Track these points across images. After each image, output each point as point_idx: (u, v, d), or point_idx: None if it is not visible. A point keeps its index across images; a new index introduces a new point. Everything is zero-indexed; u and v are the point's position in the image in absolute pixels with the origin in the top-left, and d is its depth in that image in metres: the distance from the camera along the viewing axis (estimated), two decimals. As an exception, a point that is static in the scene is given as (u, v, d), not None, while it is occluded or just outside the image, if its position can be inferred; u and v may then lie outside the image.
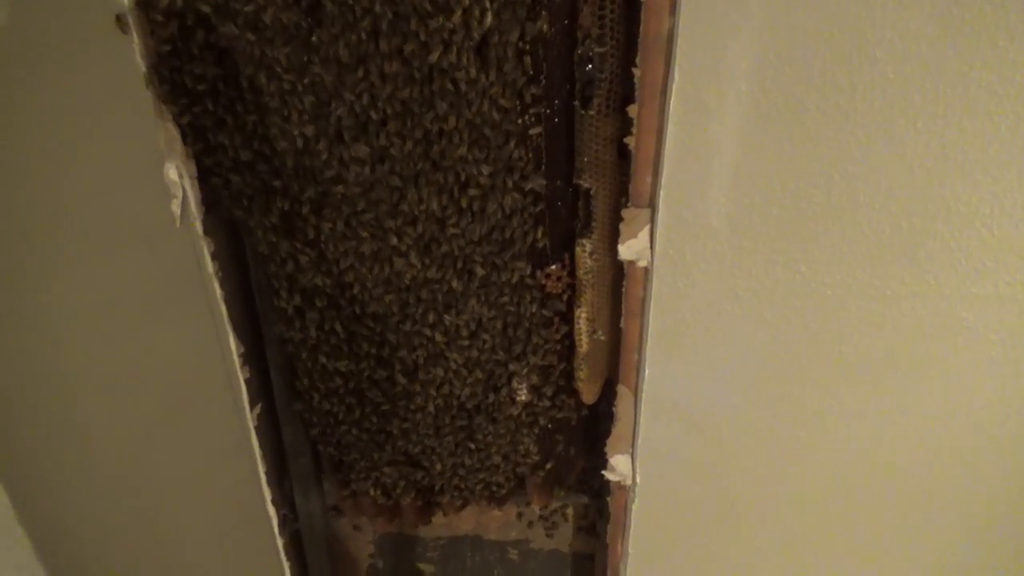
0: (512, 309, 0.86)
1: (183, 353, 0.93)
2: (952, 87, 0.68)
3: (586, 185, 0.79)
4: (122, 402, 1.00)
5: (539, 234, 0.82)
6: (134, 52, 0.71)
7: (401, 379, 0.91)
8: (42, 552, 1.17)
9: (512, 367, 0.91)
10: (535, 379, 0.93)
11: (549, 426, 0.98)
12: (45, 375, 0.99)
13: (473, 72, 0.71)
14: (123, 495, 1.10)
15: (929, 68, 0.68)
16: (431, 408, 0.94)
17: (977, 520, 0.95)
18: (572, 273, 0.86)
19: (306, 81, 0.72)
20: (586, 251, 0.83)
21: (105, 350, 0.96)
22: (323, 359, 0.92)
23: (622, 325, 0.85)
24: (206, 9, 0.69)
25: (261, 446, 0.97)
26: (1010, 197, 0.74)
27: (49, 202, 0.85)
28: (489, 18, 0.68)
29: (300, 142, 0.75)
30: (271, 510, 1.03)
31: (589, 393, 0.94)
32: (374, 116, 0.73)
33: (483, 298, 0.85)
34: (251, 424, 0.94)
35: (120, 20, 0.70)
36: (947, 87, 0.68)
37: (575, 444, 1.03)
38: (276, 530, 1.05)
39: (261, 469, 0.99)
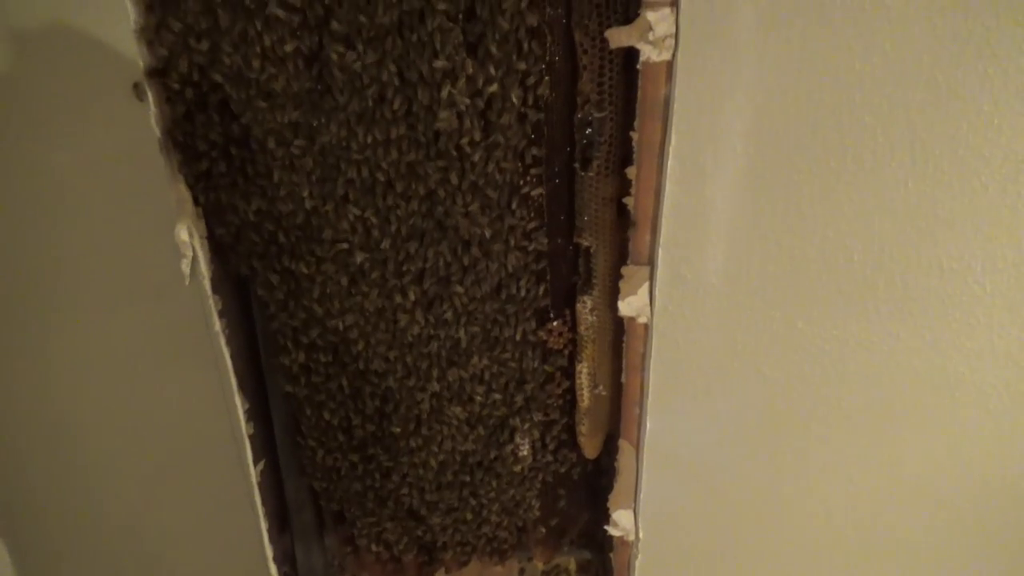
0: (514, 365, 0.87)
1: (188, 408, 0.94)
2: (940, 149, 0.71)
3: (586, 243, 0.81)
4: (126, 455, 1.00)
5: (541, 291, 0.84)
6: (149, 118, 0.74)
7: (404, 435, 0.92)
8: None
9: (514, 422, 0.91)
10: (537, 434, 0.93)
11: (551, 481, 0.98)
12: (51, 426, 0.99)
13: (477, 136, 0.73)
14: (125, 549, 1.10)
15: (917, 131, 0.70)
16: (433, 464, 0.94)
17: (977, 571, 0.95)
18: (573, 329, 0.87)
19: (315, 146, 0.74)
20: (587, 307, 0.85)
21: (111, 404, 0.96)
22: (327, 415, 0.92)
23: (623, 380, 0.86)
24: (219, 78, 0.72)
25: (264, 502, 0.97)
26: (1000, 255, 0.75)
27: (61, 258, 0.87)
28: (494, 86, 0.70)
29: (308, 203, 0.77)
30: (272, 568, 1.02)
31: (591, 448, 0.95)
32: (380, 178, 0.75)
33: (486, 354, 0.86)
34: (254, 480, 0.94)
35: (137, 87, 0.73)
36: (935, 149, 0.71)
37: (577, 499, 1.03)
38: (277, 587, 1.04)
39: (263, 526, 0.98)
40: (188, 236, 0.79)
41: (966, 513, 0.90)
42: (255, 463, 0.93)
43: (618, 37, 0.69)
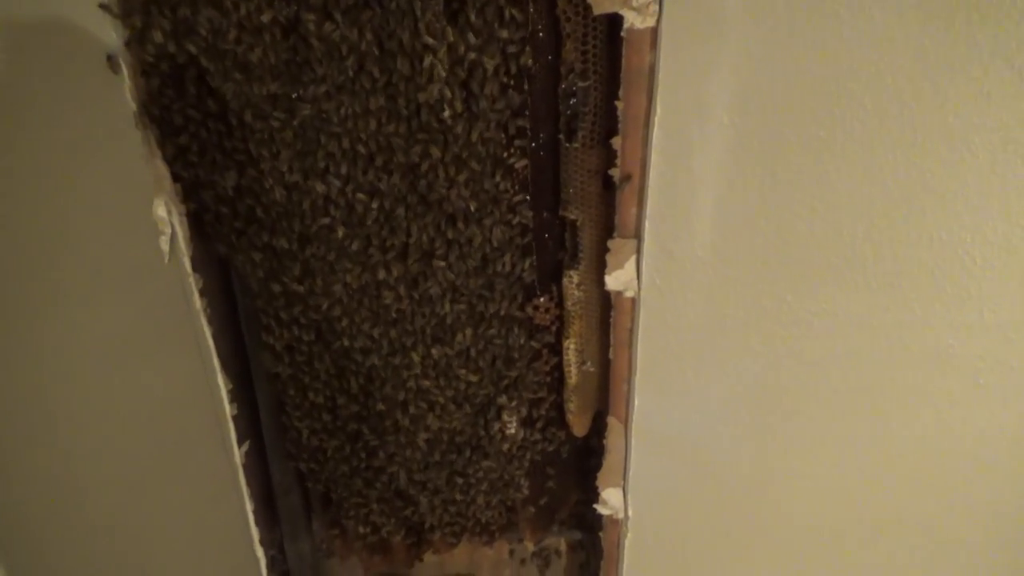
0: (500, 342, 0.86)
1: (170, 390, 0.93)
2: (929, 118, 0.70)
3: (572, 217, 0.80)
4: (108, 439, 0.99)
5: (527, 266, 0.83)
6: (124, 91, 0.72)
7: (390, 414, 0.91)
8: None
9: (501, 400, 0.91)
10: (525, 412, 0.93)
11: (539, 460, 0.98)
12: (31, 413, 0.98)
13: (459, 107, 0.72)
14: (108, 533, 1.09)
15: (906, 100, 0.69)
16: (420, 443, 0.93)
17: (969, 546, 0.94)
18: (560, 305, 0.86)
19: (294, 120, 0.73)
20: (573, 282, 0.84)
21: (91, 387, 0.95)
22: (311, 395, 0.91)
23: (611, 356, 0.85)
24: (193, 50, 0.71)
25: (249, 484, 0.96)
26: (990, 226, 0.74)
27: (36, 239, 0.85)
28: (474, 55, 0.69)
29: (288, 178, 0.76)
30: (259, 551, 1.01)
31: (579, 425, 0.94)
32: (362, 151, 0.74)
33: (471, 331, 0.85)
34: (239, 462, 0.93)
35: (111, 60, 0.71)
36: (924, 118, 0.70)
37: (567, 478, 1.02)
38: (264, 571, 1.03)
39: (249, 508, 0.97)
40: (166, 213, 0.77)
41: (956, 486, 0.90)
42: (239, 444, 0.92)
43: (601, 3, 0.67)
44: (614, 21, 0.69)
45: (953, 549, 0.95)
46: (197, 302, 0.83)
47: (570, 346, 0.87)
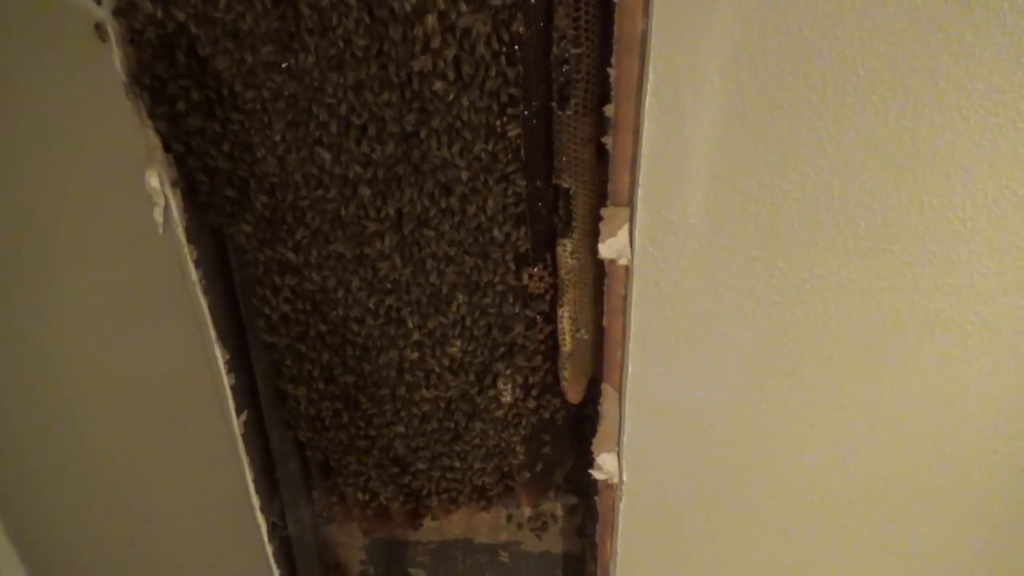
0: (495, 310, 0.87)
1: (168, 361, 0.93)
2: (921, 82, 0.70)
3: (565, 185, 0.80)
4: (107, 411, 1.00)
5: (520, 235, 0.83)
6: (114, 60, 0.72)
7: (386, 382, 0.92)
8: (28, 561, 1.17)
9: (497, 368, 0.91)
10: (520, 380, 0.93)
11: (535, 426, 0.99)
12: (30, 385, 0.98)
13: (451, 75, 0.71)
14: (110, 504, 1.10)
15: (898, 64, 0.69)
16: (417, 411, 0.94)
17: (961, 509, 0.96)
18: (554, 273, 0.86)
19: (285, 89, 0.73)
20: (567, 251, 0.84)
21: (89, 359, 0.95)
22: (308, 365, 0.92)
23: (605, 323, 0.86)
24: (182, 17, 0.70)
25: (248, 453, 0.97)
26: (981, 190, 0.75)
27: (30, 212, 0.85)
28: (465, 20, 0.69)
29: (280, 148, 0.76)
30: (260, 518, 1.03)
31: (574, 392, 0.95)
32: (355, 120, 0.74)
33: (466, 300, 0.86)
34: (238, 431, 0.94)
35: (99, 28, 0.71)
36: (916, 82, 0.70)
37: (562, 444, 1.04)
38: (265, 538, 1.05)
39: (249, 476, 0.99)
40: (159, 183, 0.77)
41: (946, 448, 0.91)
42: (238, 414, 0.93)
43: (593, -31, 0.67)
44: (606, -13, 0.69)
45: (944, 510, 0.97)
46: (192, 273, 0.83)
47: (564, 314, 0.88)
